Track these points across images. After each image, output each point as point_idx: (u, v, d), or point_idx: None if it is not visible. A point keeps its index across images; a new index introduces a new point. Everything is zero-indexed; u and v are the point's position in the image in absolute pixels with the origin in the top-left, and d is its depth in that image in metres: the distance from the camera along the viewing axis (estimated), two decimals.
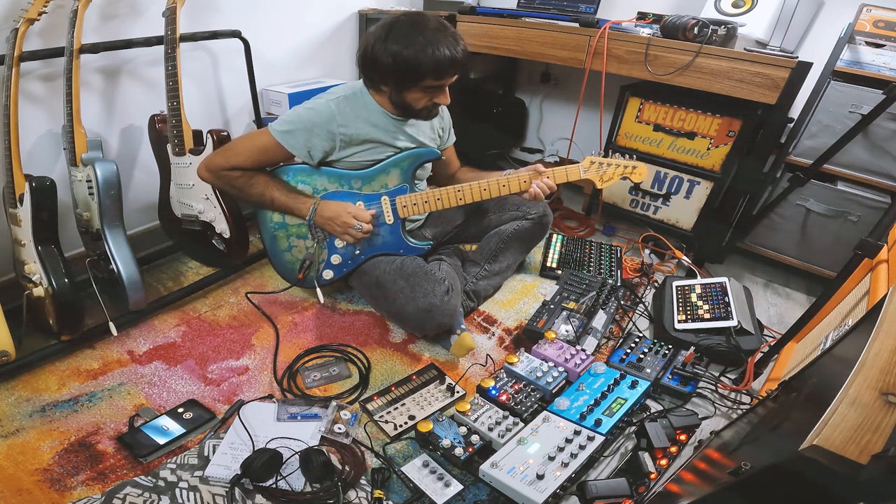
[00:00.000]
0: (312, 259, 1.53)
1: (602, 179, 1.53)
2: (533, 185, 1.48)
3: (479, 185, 1.48)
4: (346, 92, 1.41)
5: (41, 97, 1.46)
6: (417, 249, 1.55)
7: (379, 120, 1.42)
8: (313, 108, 1.39)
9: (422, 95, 1.35)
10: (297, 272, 1.54)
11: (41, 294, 1.28)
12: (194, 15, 1.68)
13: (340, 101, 1.39)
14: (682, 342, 1.48)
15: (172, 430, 1.15)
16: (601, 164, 1.52)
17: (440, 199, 1.50)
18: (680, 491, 0.92)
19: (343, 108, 1.38)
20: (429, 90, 1.34)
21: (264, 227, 1.54)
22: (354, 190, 1.47)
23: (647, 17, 1.85)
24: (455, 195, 1.49)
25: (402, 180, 1.48)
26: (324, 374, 1.36)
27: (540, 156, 2.81)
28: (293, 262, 1.55)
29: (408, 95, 1.35)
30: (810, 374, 0.88)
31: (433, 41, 1.25)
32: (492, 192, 1.49)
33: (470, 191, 1.48)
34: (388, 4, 2.37)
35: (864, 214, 1.69)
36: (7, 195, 1.34)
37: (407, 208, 1.49)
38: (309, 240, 1.52)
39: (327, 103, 1.38)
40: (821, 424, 0.57)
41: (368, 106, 1.41)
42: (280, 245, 1.54)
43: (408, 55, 1.25)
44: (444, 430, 1.13)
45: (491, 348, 1.52)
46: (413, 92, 1.34)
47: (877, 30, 1.59)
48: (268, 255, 1.58)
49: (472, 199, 1.49)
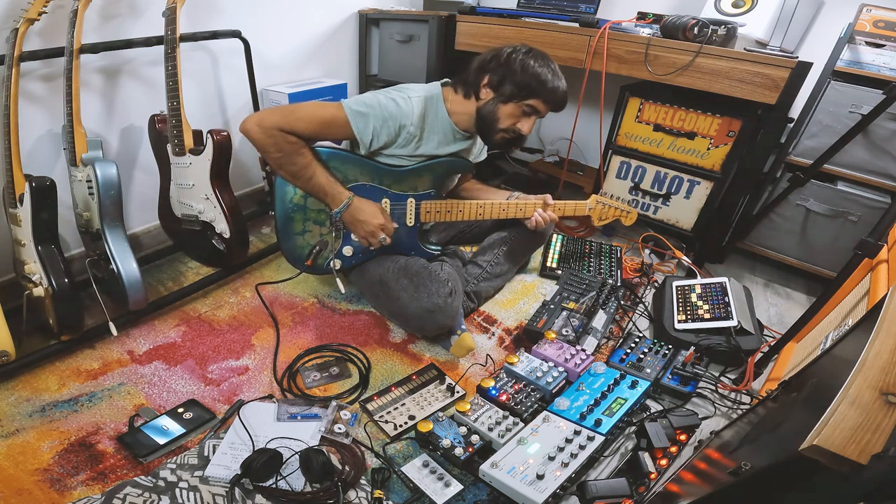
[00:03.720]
0: (324, 247, 1.51)
1: (600, 218, 1.76)
2: (535, 214, 1.59)
3: (499, 205, 1.60)
4: (425, 93, 1.42)
5: (41, 97, 1.46)
6: (428, 254, 1.59)
7: (441, 130, 1.44)
8: (394, 99, 1.38)
9: (517, 113, 1.39)
10: (306, 258, 1.53)
11: (41, 294, 1.28)
12: (194, 15, 1.68)
13: (421, 101, 1.40)
14: (682, 342, 1.48)
15: (172, 430, 1.15)
16: (605, 205, 1.74)
17: (462, 212, 1.56)
18: (680, 491, 0.92)
19: (421, 108, 1.40)
20: (526, 112, 1.38)
21: (281, 206, 1.47)
22: (384, 186, 1.47)
23: (647, 17, 1.85)
24: (476, 210, 1.58)
25: (432, 186, 1.50)
26: (324, 374, 1.36)
27: (540, 156, 2.81)
28: (304, 246, 1.52)
29: (504, 108, 1.38)
30: (810, 374, 0.88)
31: (558, 74, 1.38)
32: (510, 213, 1.63)
33: (490, 209, 1.60)
34: (389, 4, 2.37)
35: (864, 214, 1.69)
36: (7, 195, 1.34)
37: (430, 214, 1.52)
38: (326, 227, 1.51)
39: (408, 100, 1.38)
40: (821, 424, 0.57)
41: (440, 114, 1.43)
42: (294, 227, 1.50)
43: (541, 70, 1.35)
44: (444, 430, 1.13)
45: (491, 348, 1.52)
46: (513, 105, 1.37)
47: (877, 30, 1.59)
48: (278, 236, 1.52)
49: (490, 216, 1.62)
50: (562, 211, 1.67)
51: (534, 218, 1.60)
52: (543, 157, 2.79)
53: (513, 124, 1.40)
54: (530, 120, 1.40)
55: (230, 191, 1.61)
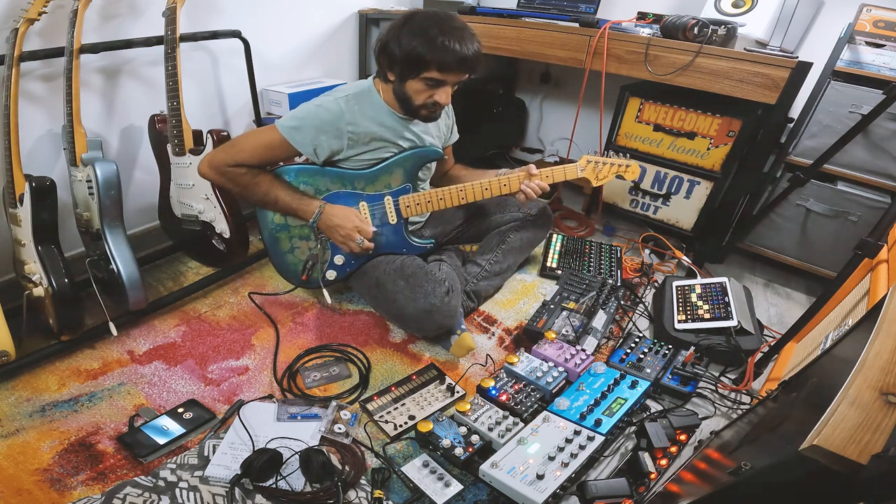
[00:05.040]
0: (316, 260, 1.52)
1: (598, 178, 1.58)
2: (522, 187, 1.51)
3: (480, 184, 1.50)
4: (354, 90, 1.40)
5: (41, 97, 1.46)
6: (420, 249, 1.55)
7: (386, 119, 1.42)
8: (322, 105, 1.37)
9: (423, 88, 1.33)
10: (301, 273, 1.54)
11: (41, 294, 1.28)
12: (194, 15, 1.68)
13: (349, 98, 1.38)
14: (682, 342, 1.48)
15: (172, 430, 1.15)
16: (597, 162, 1.57)
17: (443, 199, 1.50)
18: (680, 491, 0.92)
19: (352, 106, 1.37)
20: (430, 84, 1.32)
21: (265, 229, 1.52)
22: (357, 190, 1.47)
23: (647, 17, 1.85)
24: (458, 195, 1.51)
25: (406, 180, 1.48)
26: (324, 374, 1.36)
27: (540, 156, 2.81)
28: (296, 263, 1.54)
29: (409, 86, 1.33)
30: (810, 374, 0.88)
31: (447, 34, 1.24)
32: (493, 191, 1.52)
33: (472, 190, 1.51)
34: (389, 4, 2.37)
35: (864, 214, 1.69)
36: (7, 195, 1.34)
37: (410, 208, 1.49)
38: (312, 241, 1.51)
39: (336, 101, 1.37)
40: (821, 424, 0.57)
41: (376, 104, 1.41)
42: (282, 246, 1.53)
43: (417, 42, 1.25)
44: (444, 430, 1.12)
45: (491, 348, 1.52)
46: (414, 82, 1.32)
47: (877, 30, 1.59)
48: (269, 256, 1.57)
49: (473, 198, 1.52)
50: (550, 178, 1.54)
51: (521, 190, 1.52)
52: (543, 157, 2.79)
53: (428, 98, 1.34)
54: (443, 89, 1.33)
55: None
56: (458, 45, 1.25)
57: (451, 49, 1.25)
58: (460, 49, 1.26)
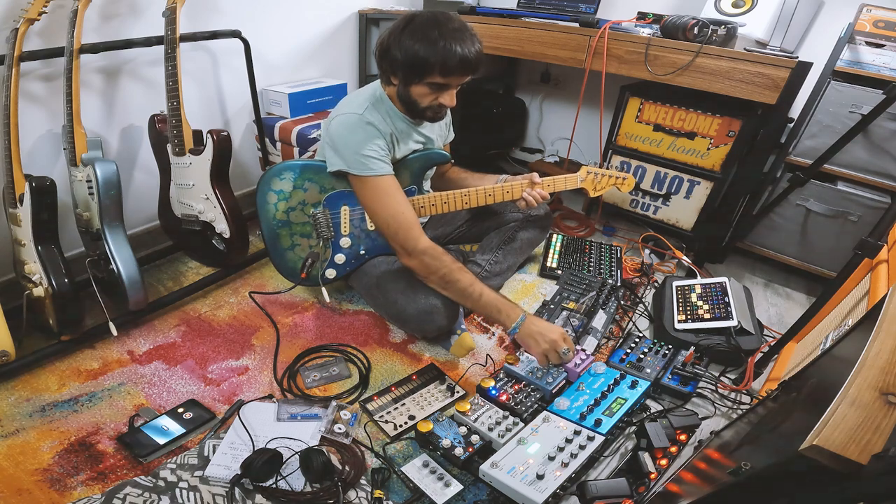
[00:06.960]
0: (316, 258, 1.51)
1: (596, 188, 1.70)
2: (524, 194, 1.54)
3: (484, 190, 1.54)
4: (369, 100, 1.39)
5: (41, 97, 1.46)
6: None
7: (398, 123, 1.42)
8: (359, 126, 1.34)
9: (427, 92, 1.32)
10: (300, 271, 1.54)
11: (41, 294, 1.28)
12: (194, 15, 1.68)
13: (370, 111, 1.36)
14: (682, 342, 1.48)
15: (172, 430, 1.15)
16: (596, 174, 1.67)
17: (447, 203, 1.52)
18: (680, 491, 0.91)
19: (373, 116, 1.36)
20: (435, 88, 1.31)
21: (266, 225, 1.50)
22: None
23: (647, 17, 1.85)
24: (461, 199, 1.53)
25: (412, 182, 1.49)
26: (324, 374, 1.36)
27: (540, 156, 2.81)
28: (296, 260, 1.54)
29: (413, 90, 1.32)
30: (810, 374, 0.88)
31: (448, 37, 1.23)
32: (496, 197, 1.56)
33: (476, 196, 1.54)
34: (388, 4, 2.37)
35: (864, 214, 1.69)
36: (7, 195, 1.34)
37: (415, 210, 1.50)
38: (313, 238, 1.51)
39: (360, 118, 1.34)
40: (821, 424, 0.57)
41: (389, 110, 1.41)
42: (283, 244, 1.53)
43: (419, 47, 1.23)
44: (444, 430, 1.12)
45: (491, 348, 1.52)
46: (418, 87, 1.31)
47: (877, 30, 1.59)
48: (269, 253, 1.56)
49: (476, 203, 1.56)
50: (551, 187, 1.59)
51: (523, 198, 1.54)
52: (543, 157, 2.79)
53: (433, 101, 1.33)
54: (448, 92, 1.32)
55: (230, 191, 1.61)
56: (460, 48, 1.24)
57: (454, 52, 1.23)
58: (462, 51, 1.25)
